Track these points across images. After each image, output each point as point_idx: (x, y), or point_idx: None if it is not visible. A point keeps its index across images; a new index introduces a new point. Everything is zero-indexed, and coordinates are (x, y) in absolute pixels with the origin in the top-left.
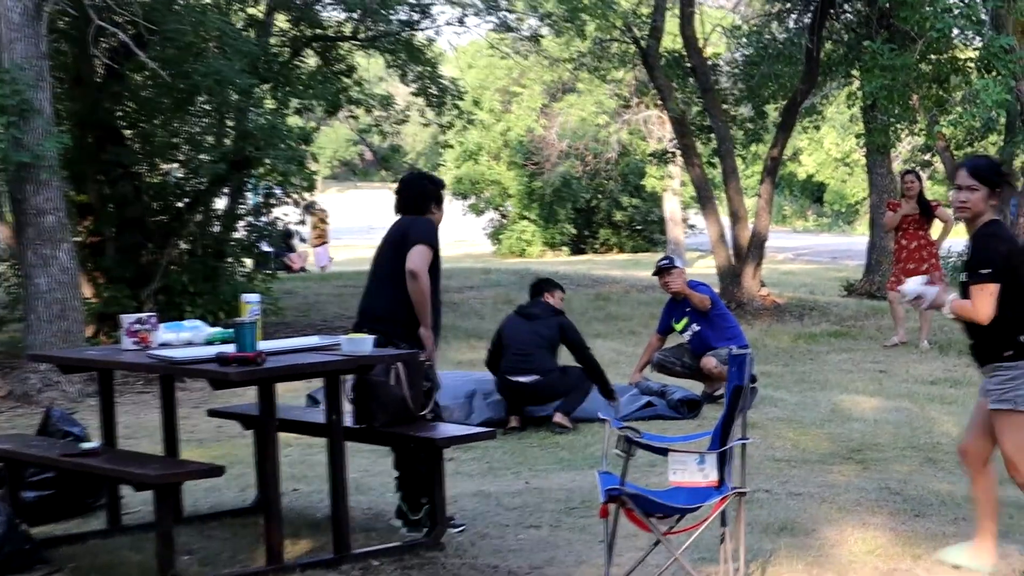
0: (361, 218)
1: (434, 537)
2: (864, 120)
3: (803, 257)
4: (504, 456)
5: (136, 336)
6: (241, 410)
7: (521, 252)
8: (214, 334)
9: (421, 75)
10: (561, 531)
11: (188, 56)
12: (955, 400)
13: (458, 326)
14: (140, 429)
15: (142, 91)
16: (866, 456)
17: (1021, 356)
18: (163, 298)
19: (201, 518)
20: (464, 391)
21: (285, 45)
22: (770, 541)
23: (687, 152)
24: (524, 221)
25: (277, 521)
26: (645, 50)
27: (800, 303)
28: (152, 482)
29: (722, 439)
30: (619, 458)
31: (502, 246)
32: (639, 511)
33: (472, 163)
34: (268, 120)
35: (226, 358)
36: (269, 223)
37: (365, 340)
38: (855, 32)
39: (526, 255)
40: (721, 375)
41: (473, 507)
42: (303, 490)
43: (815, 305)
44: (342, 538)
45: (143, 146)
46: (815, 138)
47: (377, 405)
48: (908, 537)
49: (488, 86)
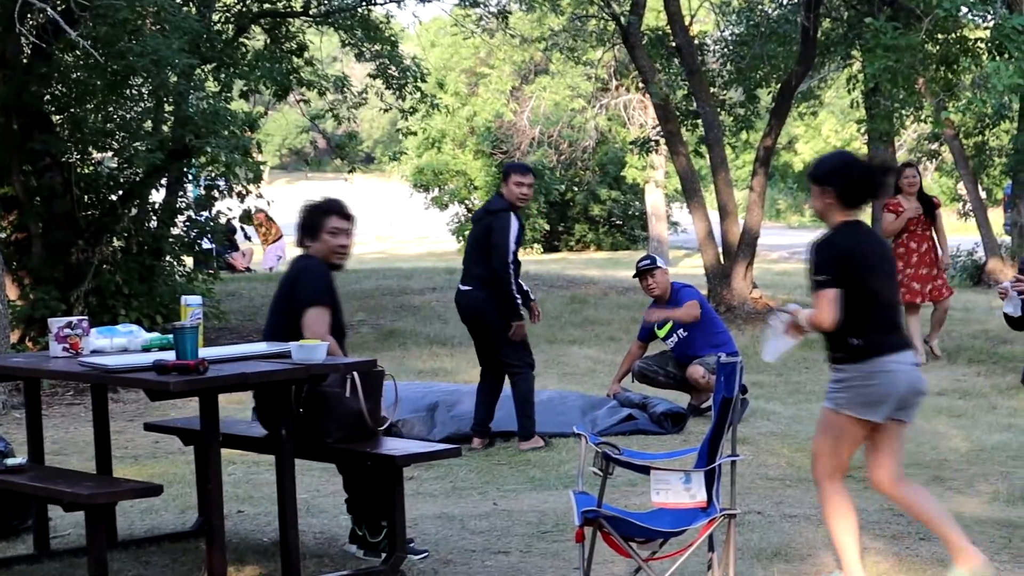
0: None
1: (392, 564)
2: (866, 105)
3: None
4: (470, 475)
5: (65, 342)
6: (181, 424)
7: None
8: (151, 340)
9: (379, 54)
10: (532, 557)
11: (123, 34)
12: (964, 413)
13: (419, 331)
14: (70, 444)
15: (72, 73)
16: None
17: (851, 359)
18: (95, 300)
19: (137, 542)
20: (426, 403)
21: (229, 22)
22: (762, 568)
23: (671, 140)
24: None
25: (220, 546)
26: (625, 27)
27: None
28: (83, 502)
29: (710, 456)
30: (596, 477)
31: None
32: (618, 535)
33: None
34: (210, 104)
35: (165, 366)
36: (211, 218)
37: (318, 347)
38: (855, 9)
39: None
40: (708, 385)
41: (436, 531)
42: (249, 512)
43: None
44: (291, 565)
45: (73, 133)
46: (812, 125)
47: (330, 419)
48: (912, 562)
49: (453, 67)
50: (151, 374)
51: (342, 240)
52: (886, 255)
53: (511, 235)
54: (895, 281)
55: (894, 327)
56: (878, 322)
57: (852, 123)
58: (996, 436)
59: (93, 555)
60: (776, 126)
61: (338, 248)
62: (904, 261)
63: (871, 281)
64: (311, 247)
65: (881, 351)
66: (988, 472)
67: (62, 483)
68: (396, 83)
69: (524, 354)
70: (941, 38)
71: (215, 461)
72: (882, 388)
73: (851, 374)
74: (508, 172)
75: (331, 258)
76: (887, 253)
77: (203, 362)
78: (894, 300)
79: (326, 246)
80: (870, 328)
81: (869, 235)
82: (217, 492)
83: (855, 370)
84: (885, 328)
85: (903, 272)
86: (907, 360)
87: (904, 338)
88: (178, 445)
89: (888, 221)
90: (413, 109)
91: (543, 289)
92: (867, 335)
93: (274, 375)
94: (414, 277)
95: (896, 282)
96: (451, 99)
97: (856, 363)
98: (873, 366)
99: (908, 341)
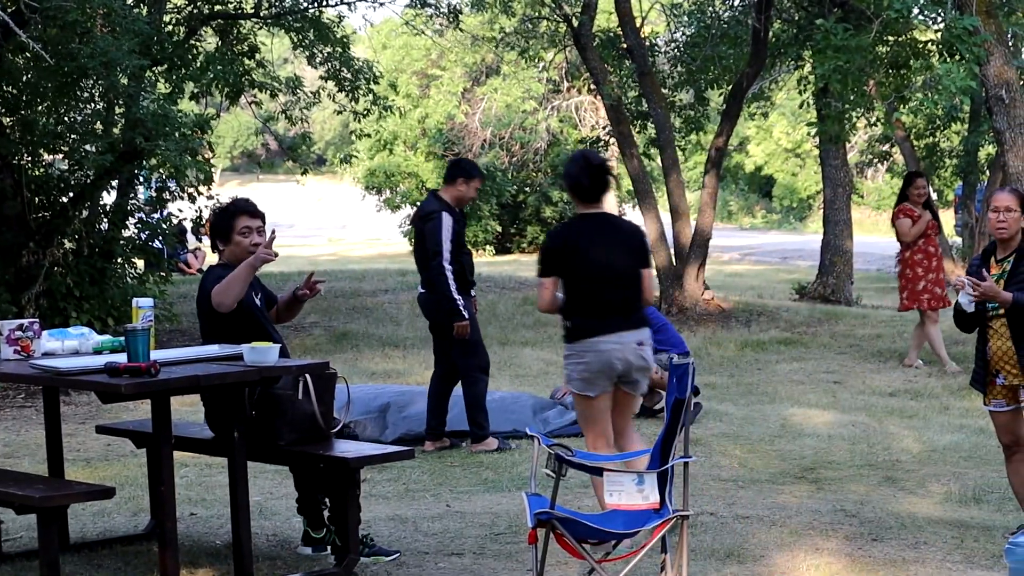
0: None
1: (345, 567)
2: (816, 107)
3: (750, 257)
4: (423, 477)
5: (16, 344)
6: (133, 426)
7: None
8: (103, 342)
9: (331, 56)
10: (485, 559)
11: (73, 36)
12: (916, 413)
13: (372, 333)
14: (21, 447)
15: (23, 75)
16: (819, 475)
17: (569, 339)
18: (46, 302)
19: (90, 545)
20: (377, 405)
21: (180, 23)
22: (715, 569)
23: (623, 141)
24: None
25: (173, 549)
26: (577, 28)
27: (747, 308)
28: (35, 505)
29: (662, 457)
30: (549, 478)
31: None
32: (571, 537)
33: (387, 153)
34: (160, 106)
35: (116, 368)
36: (162, 220)
37: (270, 349)
38: (806, 10)
39: None
40: (660, 384)
41: (389, 532)
42: (201, 515)
43: (764, 310)
44: (244, 567)
45: (24, 135)
46: (763, 126)
47: (283, 422)
48: (865, 563)
49: (404, 68)
50: (103, 376)
51: (254, 239)
52: (614, 244)
53: (444, 236)
54: (616, 269)
55: (607, 310)
56: (587, 306)
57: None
58: (948, 437)
59: (45, 558)
60: (727, 127)
61: (251, 248)
62: (924, 267)
63: (581, 269)
64: (224, 251)
65: (592, 332)
66: (940, 473)
67: (13, 486)
68: (348, 85)
69: (478, 357)
70: (891, 39)
71: (167, 464)
72: (593, 366)
73: (568, 352)
74: (458, 174)
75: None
76: (617, 242)
77: (155, 364)
78: (608, 285)
79: (239, 247)
80: (580, 311)
81: (602, 225)
82: (170, 495)
83: (570, 349)
84: (595, 311)
85: (925, 278)
86: (620, 340)
87: (618, 320)
88: (130, 448)
89: (906, 227)
90: (366, 111)
91: (495, 291)
92: (576, 317)
93: (226, 377)
94: (366, 279)
95: (622, 270)
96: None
97: (571, 343)
98: (584, 346)
99: (623, 322)
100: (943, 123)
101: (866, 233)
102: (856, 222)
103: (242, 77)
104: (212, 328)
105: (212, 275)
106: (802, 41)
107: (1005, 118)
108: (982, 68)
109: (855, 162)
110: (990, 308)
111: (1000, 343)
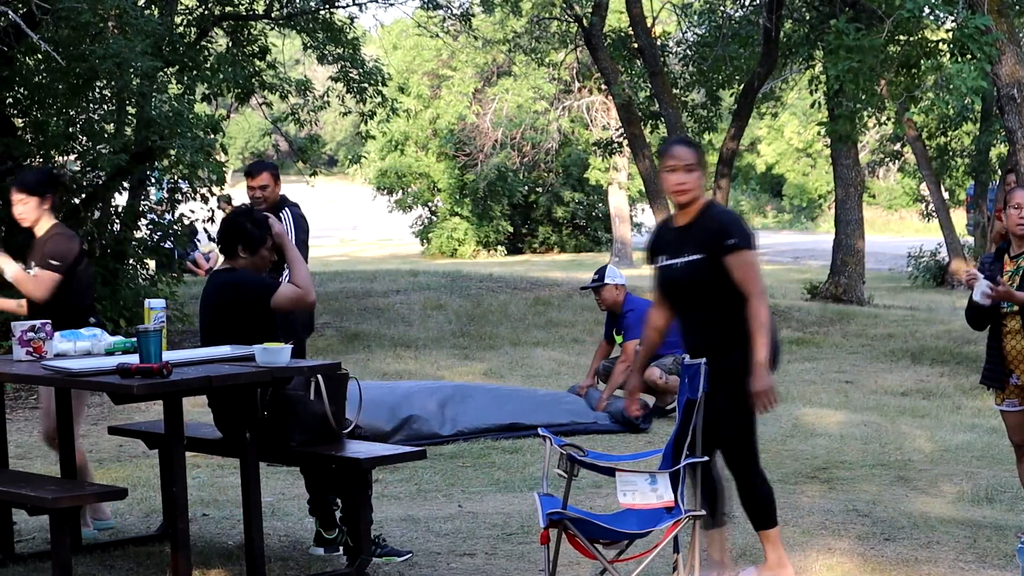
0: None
1: (357, 568)
2: (828, 107)
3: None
4: (435, 477)
5: (29, 345)
6: (145, 428)
7: (452, 252)
8: (115, 343)
9: (341, 57)
10: (497, 559)
11: (85, 37)
12: (928, 413)
13: (383, 334)
14: (34, 448)
15: (35, 76)
16: (831, 475)
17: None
18: None
19: (102, 546)
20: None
21: (192, 24)
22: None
23: (634, 142)
24: (455, 218)
25: (185, 550)
26: (588, 29)
27: None
28: (48, 506)
29: (674, 457)
30: (561, 479)
31: (431, 246)
32: (583, 537)
33: (398, 154)
34: (173, 107)
35: (128, 369)
36: (175, 221)
37: (282, 350)
38: (817, 10)
39: (458, 255)
40: (667, 387)
41: (401, 533)
42: (213, 515)
43: (775, 310)
44: (256, 568)
45: (36, 136)
46: (774, 126)
47: (295, 423)
48: (877, 563)
49: (415, 69)
50: (115, 377)
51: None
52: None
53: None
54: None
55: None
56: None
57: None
58: (960, 436)
59: (57, 559)
60: (738, 127)
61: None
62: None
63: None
64: (243, 258)
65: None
66: (952, 472)
67: (26, 487)
68: (357, 86)
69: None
70: (903, 39)
71: (180, 464)
72: None
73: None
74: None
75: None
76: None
77: (167, 365)
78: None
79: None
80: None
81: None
82: (182, 495)
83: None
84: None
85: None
86: None
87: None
88: (143, 448)
89: (999, 227)
90: (372, 113)
91: (507, 291)
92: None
93: (239, 378)
94: (378, 279)
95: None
96: (414, 102)
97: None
98: None
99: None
100: (954, 123)
101: (878, 233)
102: (868, 222)
103: (252, 78)
104: (230, 328)
105: (247, 277)
106: (813, 41)
107: (1017, 117)
108: (993, 67)
109: (866, 162)
110: (1004, 306)
111: (1016, 342)
